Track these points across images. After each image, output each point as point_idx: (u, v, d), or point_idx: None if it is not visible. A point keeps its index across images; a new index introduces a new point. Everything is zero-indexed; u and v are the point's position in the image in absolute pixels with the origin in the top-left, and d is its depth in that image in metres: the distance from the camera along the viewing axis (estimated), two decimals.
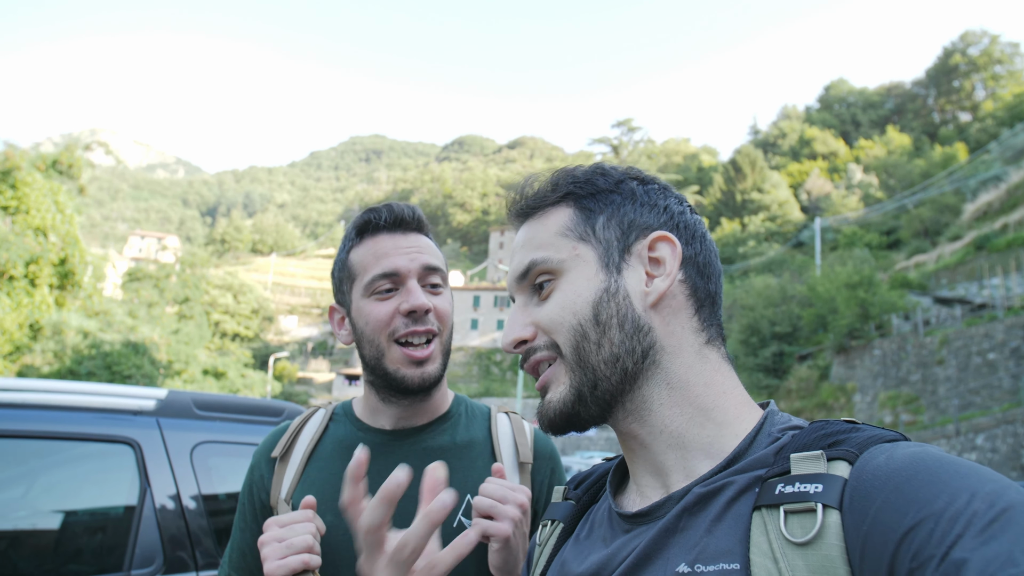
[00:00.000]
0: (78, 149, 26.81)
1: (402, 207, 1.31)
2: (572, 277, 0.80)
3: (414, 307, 1.22)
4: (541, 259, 0.82)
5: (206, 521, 2.38)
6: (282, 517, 1.08)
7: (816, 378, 28.94)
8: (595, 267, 0.80)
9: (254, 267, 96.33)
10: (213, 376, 34.62)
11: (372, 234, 1.29)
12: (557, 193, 0.85)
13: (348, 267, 1.30)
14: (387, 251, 1.26)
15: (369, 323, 1.25)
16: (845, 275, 28.75)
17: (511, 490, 1.12)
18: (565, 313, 0.79)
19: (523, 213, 0.88)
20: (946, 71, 78.53)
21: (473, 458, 1.31)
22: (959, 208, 44.33)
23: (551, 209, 0.85)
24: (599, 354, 0.77)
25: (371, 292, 1.25)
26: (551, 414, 0.81)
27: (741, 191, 72.85)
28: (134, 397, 2.51)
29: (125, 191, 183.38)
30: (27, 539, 2.25)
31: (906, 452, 0.61)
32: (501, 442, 1.35)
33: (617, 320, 0.77)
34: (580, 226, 0.82)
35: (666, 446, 0.77)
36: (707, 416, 0.77)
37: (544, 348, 0.81)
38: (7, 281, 22.63)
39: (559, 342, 0.79)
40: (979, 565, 0.49)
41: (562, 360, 0.80)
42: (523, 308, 0.84)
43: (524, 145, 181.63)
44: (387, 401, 1.30)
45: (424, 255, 1.28)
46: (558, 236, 0.82)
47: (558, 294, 0.80)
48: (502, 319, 60.94)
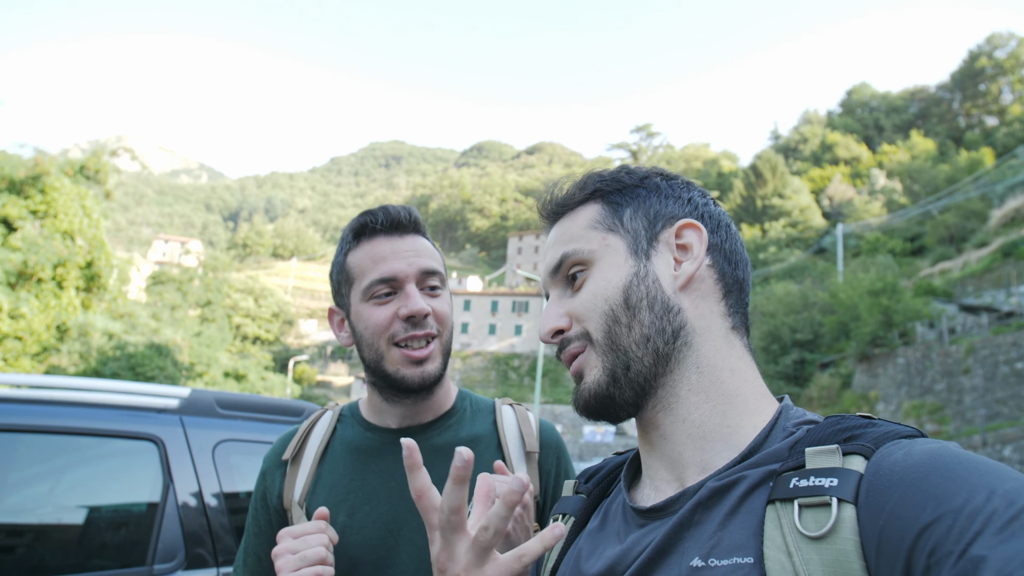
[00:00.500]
0: (105, 155, 27.30)
1: (398, 209, 1.30)
2: (603, 266, 0.82)
3: (413, 312, 1.22)
4: (572, 251, 0.84)
5: (227, 518, 2.41)
6: (295, 528, 1.09)
7: (838, 386, 28.55)
8: (624, 255, 0.82)
9: (275, 271, 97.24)
10: (234, 378, 34.99)
11: (369, 237, 1.29)
12: (585, 191, 0.88)
13: (346, 270, 1.30)
14: (384, 255, 1.26)
15: (368, 327, 1.26)
16: (868, 282, 28.33)
17: (508, 485, 1.12)
18: (597, 300, 0.81)
19: (554, 214, 0.91)
20: (972, 74, 77.29)
21: (480, 452, 1.31)
22: (985, 214, 43.54)
23: (580, 207, 0.88)
24: (630, 336, 0.78)
25: (369, 296, 1.26)
26: (586, 397, 0.82)
27: (762, 197, 72.18)
28: (158, 395, 2.56)
29: (150, 196, 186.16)
30: (52, 533, 2.29)
31: (925, 448, 0.61)
32: (507, 433, 1.36)
33: (647, 302, 0.79)
34: (608, 218, 0.85)
35: (686, 436, 0.78)
36: (730, 403, 0.78)
37: (577, 338, 0.83)
38: (35, 283, 23.09)
39: (590, 328, 0.81)
40: (997, 563, 0.49)
41: (593, 346, 0.81)
42: (558, 300, 0.86)
43: (543, 151, 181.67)
44: (390, 401, 1.31)
45: (422, 258, 1.28)
46: (587, 229, 0.85)
47: (590, 283, 0.83)
48: (520, 324, 60.91)
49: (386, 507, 1.24)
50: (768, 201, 71.22)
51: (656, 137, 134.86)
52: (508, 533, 1.08)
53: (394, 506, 1.24)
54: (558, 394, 51.67)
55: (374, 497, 1.25)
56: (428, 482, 0.77)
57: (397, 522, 1.22)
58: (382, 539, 1.21)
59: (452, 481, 0.72)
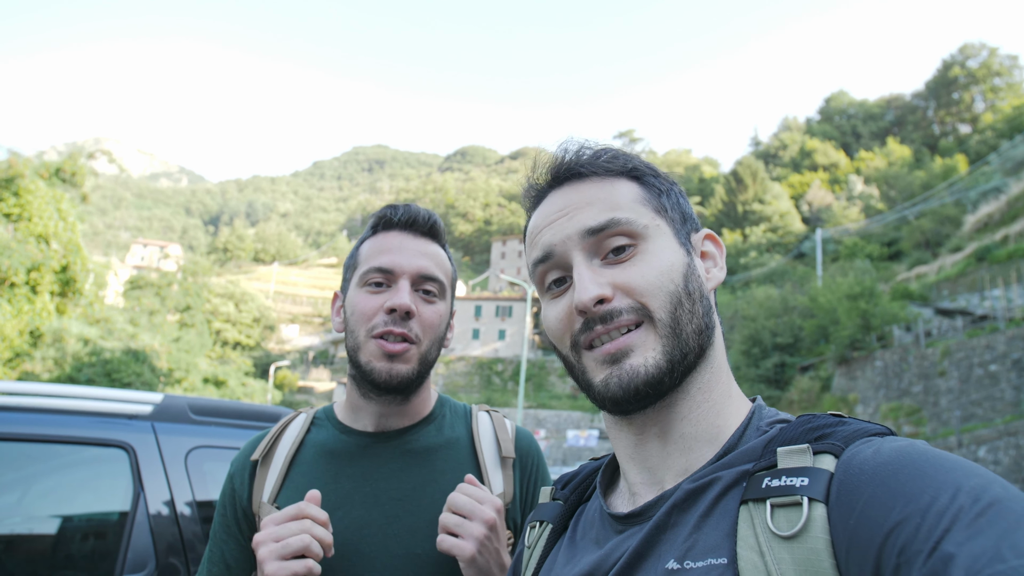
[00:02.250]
0: (81, 157, 26.87)
1: (419, 209, 1.31)
2: (660, 244, 0.79)
3: (395, 305, 1.20)
4: (625, 219, 0.79)
5: (199, 527, 2.35)
6: (277, 514, 1.05)
7: (818, 389, 28.83)
8: (675, 241, 0.81)
9: (256, 276, 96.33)
10: (214, 384, 34.54)
11: (385, 229, 1.30)
12: (619, 164, 0.84)
13: (355, 257, 1.31)
14: (390, 247, 1.26)
15: (355, 313, 1.25)
16: (846, 286, 28.70)
17: (479, 503, 1.10)
18: (663, 278, 0.77)
19: (576, 174, 0.84)
20: (946, 83, 78.76)
21: (455, 457, 1.30)
22: (960, 219, 44.32)
23: (614, 178, 0.83)
24: (691, 323, 0.76)
25: (364, 283, 1.25)
26: (639, 380, 0.74)
27: (742, 202, 72.88)
28: (129, 401, 2.50)
29: (128, 199, 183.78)
30: (20, 544, 2.23)
31: (893, 446, 0.61)
32: (482, 439, 1.34)
33: (699, 294, 0.79)
34: (654, 200, 0.83)
35: (679, 436, 0.77)
36: (724, 403, 0.79)
37: (630, 311, 0.76)
38: (8, 288, 22.65)
39: (653, 306, 0.76)
40: (966, 561, 0.49)
41: (651, 325, 0.76)
42: (590, 266, 0.79)
43: (526, 156, 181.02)
44: (367, 397, 1.28)
45: (425, 260, 1.27)
46: (636, 203, 0.81)
47: (648, 258, 0.78)
48: (504, 329, 60.84)
49: (360, 512, 1.21)
50: (749, 206, 71.94)
51: (639, 143, 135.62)
52: (473, 557, 1.07)
53: (368, 511, 1.21)
54: (542, 399, 51.64)
55: (347, 501, 1.22)
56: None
57: (371, 527, 1.20)
58: (354, 544, 1.18)
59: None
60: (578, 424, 44.36)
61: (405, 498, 1.23)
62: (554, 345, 0.85)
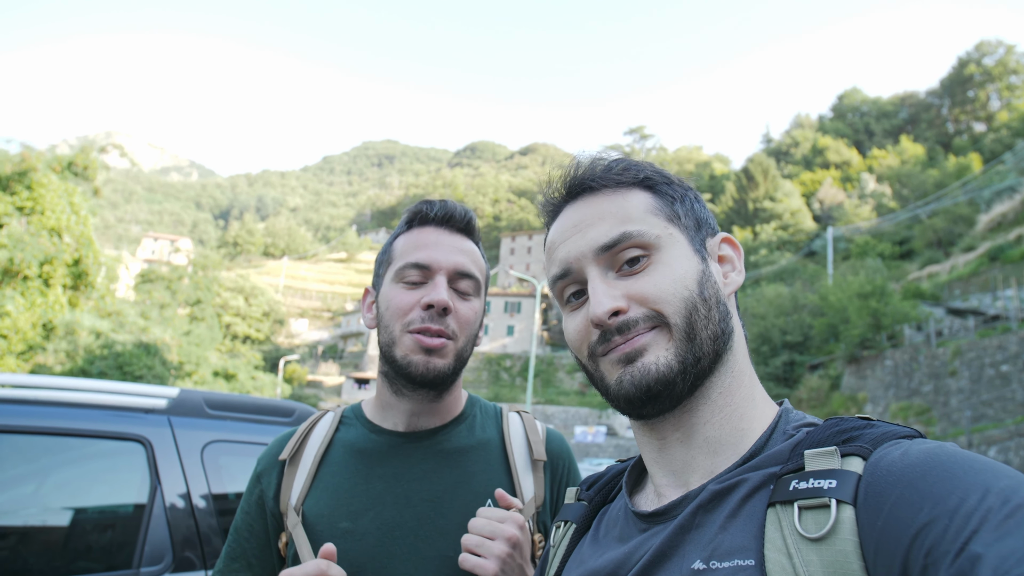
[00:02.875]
0: (93, 151, 27.02)
1: (455, 205, 1.30)
2: (674, 254, 0.80)
3: (433, 302, 1.19)
4: (637, 232, 0.80)
5: (215, 520, 2.38)
6: (294, 571, 1.02)
7: (827, 388, 28.73)
8: (688, 249, 0.81)
9: (266, 270, 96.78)
10: (224, 378, 34.76)
11: (420, 225, 1.29)
12: (631, 175, 0.84)
13: (389, 252, 1.30)
14: (427, 243, 1.25)
15: (389, 308, 1.24)
16: (857, 285, 28.55)
17: (500, 522, 1.10)
18: (677, 286, 0.78)
19: (585, 189, 0.85)
20: (961, 81, 77.99)
21: (489, 461, 1.29)
22: (973, 219, 43.96)
23: (626, 190, 0.84)
24: (707, 329, 0.77)
25: (400, 279, 1.24)
26: (650, 378, 0.76)
27: (753, 200, 72.53)
28: (146, 396, 2.53)
29: (139, 193, 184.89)
30: (38, 535, 2.26)
31: (922, 448, 0.61)
32: (513, 441, 1.33)
33: (715, 300, 0.79)
34: (666, 209, 0.83)
35: (703, 440, 0.78)
36: (747, 407, 0.79)
37: (644, 320, 0.77)
38: (21, 281, 22.86)
39: (667, 312, 0.77)
40: (994, 561, 0.49)
41: (666, 330, 0.77)
42: (605, 280, 0.80)
43: (536, 151, 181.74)
44: (399, 394, 1.27)
45: (461, 257, 1.26)
46: (648, 214, 0.82)
47: (662, 267, 0.79)
48: (512, 324, 60.88)
49: (391, 512, 1.20)
50: (759, 204, 71.60)
51: (649, 139, 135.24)
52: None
53: (399, 512, 1.20)
54: (550, 395, 51.67)
55: (379, 502, 1.21)
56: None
57: (402, 528, 1.18)
58: (385, 546, 1.17)
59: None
60: (586, 420, 44.37)
61: (436, 500, 1.21)
62: (574, 355, 0.86)
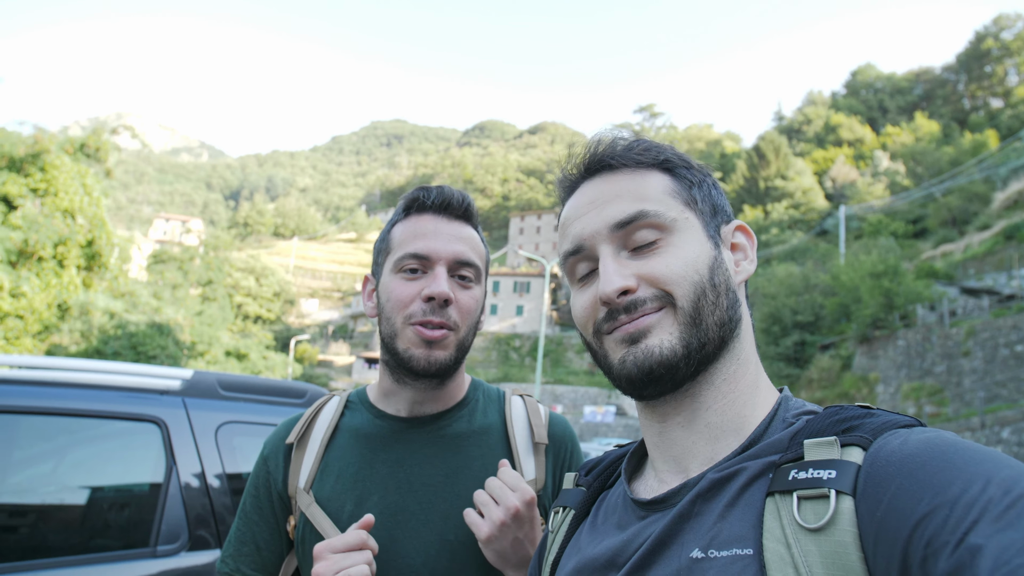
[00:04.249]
0: (105, 133, 27.10)
1: (453, 191, 1.28)
2: (687, 237, 0.80)
3: (434, 294, 1.19)
4: (654, 212, 0.80)
5: (229, 500, 2.41)
6: (335, 542, 1.04)
7: (838, 368, 28.61)
8: (703, 234, 0.82)
9: (276, 250, 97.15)
10: (235, 358, 35.07)
11: (418, 212, 1.27)
12: (651, 156, 0.84)
13: (388, 240, 1.29)
14: (425, 232, 1.24)
15: (390, 300, 1.23)
16: (870, 264, 28.28)
17: (511, 491, 1.12)
18: (688, 269, 0.78)
19: (607, 165, 0.85)
20: (978, 56, 76.48)
21: (490, 445, 1.29)
22: (988, 197, 43.34)
23: (645, 171, 0.84)
24: (714, 315, 0.77)
25: (399, 269, 1.24)
26: (653, 361, 0.76)
27: (764, 178, 71.84)
28: (161, 377, 2.55)
29: (150, 174, 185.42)
30: (55, 514, 2.30)
31: (920, 437, 0.61)
32: (515, 425, 1.33)
33: (725, 287, 0.80)
34: (684, 193, 0.83)
35: (704, 425, 0.78)
36: (751, 395, 0.79)
37: (653, 300, 0.77)
38: (36, 262, 23.06)
39: (677, 294, 0.77)
40: (994, 552, 0.48)
41: (673, 311, 0.77)
42: (617, 259, 0.81)
43: (545, 131, 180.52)
44: (400, 383, 1.27)
45: (461, 245, 1.25)
46: (666, 195, 0.82)
47: (674, 250, 0.79)
48: (521, 304, 60.93)
49: (395, 497, 1.21)
50: (771, 182, 70.90)
51: (659, 117, 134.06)
52: (488, 538, 1.10)
53: (403, 496, 1.21)
54: (559, 374, 51.84)
55: (383, 486, 1.22)
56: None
57: (405, 513, 1.20)
58: (389, 530, 1.18)
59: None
60: (595, 400, 44.53)
61: (438, 484, 1.22)
62: (579, 332, 0.86)
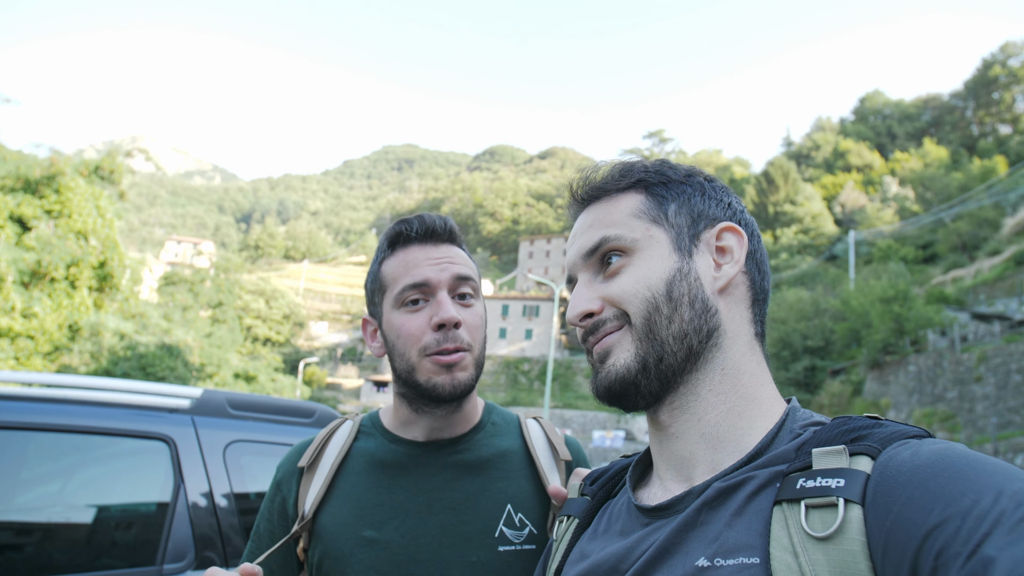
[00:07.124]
0: (119, 155, 27.51)
1: (433, 218, 1.29)
2: (646, 256, 0.82)
3: (443, 320, 1.19)
4: (614, 236, 0.83)
5: (237, 519, 2.41)
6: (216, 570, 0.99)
7: (849, 393, 28.34)
8: (668, 249, 0.82)
9: (286, 273, 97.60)
10: (244, 380, 35.12)
11: (403, 245, 1.28)
12: (627, 179, 0.87)
13: (380, 279, 1.29)
14: (417, 262, 1.24)
15: (400, 336, 1.23)
16: (880, 289, 28.13)
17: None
18: (639, 286, 0.80)
19: (589, 197, 0.89)
20: (985, 83, 76.61)
21: (510, 468, 1.29)
22: (998, 222, 43.16)
23: (621, 194, 0.86)
24: (669, 328, 0.78)
25: (401, 303, 1.24)
26: (611, 379, 0.80)
27: (774, 203, 71.84)
28: (170, 395, 2.57)
29: (163, 197, 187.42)
30: (64, 532, 2.29)
31: (932, 448, 0.60)
32: (536, 447, 1.34)
33: (688, 299, 0.79)
34: (653, 210, 0.84)
35: (699, 436, 0.78)
36: (747, 406, 0.78)
37: (613, 319, 0.81)
38: (48, 283, 23.29)
39: (630, 311, 0.79)
40: (1007, 565, 0.48)
41: (629, 329, 0.80)
42: (589, 284, 0.85)
43: (555, 155, 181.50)
44: (420, 412, 1.27)
45: (455, 265, 1.26)
46: (631, 217, 0.84)
47: (631, 270, 0.81)
48: (531, 328, 60.82)
49: (414, 521, 1.21)
50: (780, 208, 70.90)
51: (668, 143, 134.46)
52: None
53: (422, 520, 1.21)
54: (568, 398, 51.54)
55: (402, 512, 1.22)
56: None
57: (425, 536, 1.19)
58: (410, 553, 1.18)
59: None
60: (604, 424, 44.18)
61: (459, 507, 1.22)
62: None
